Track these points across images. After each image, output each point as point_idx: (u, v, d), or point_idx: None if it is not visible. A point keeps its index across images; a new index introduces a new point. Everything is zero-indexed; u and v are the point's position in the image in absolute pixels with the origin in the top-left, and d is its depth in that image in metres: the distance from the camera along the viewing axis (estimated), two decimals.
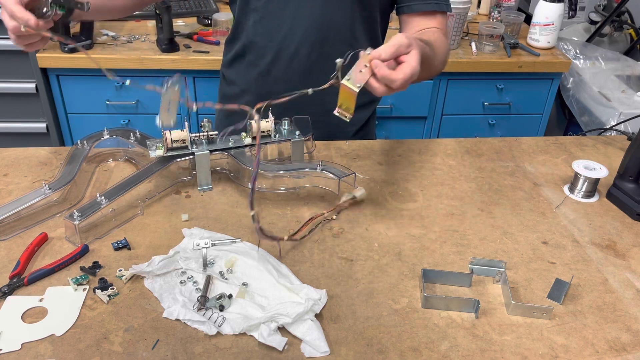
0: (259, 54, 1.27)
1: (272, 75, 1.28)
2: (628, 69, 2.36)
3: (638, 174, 1.13)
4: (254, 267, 0.91)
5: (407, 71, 0.87)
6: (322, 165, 1.07)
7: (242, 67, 1.33)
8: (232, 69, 1.36)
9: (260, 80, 1.30)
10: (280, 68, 1.26)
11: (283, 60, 1.25)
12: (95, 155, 1.20)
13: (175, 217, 1.04)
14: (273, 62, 1.26)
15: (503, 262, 0.94)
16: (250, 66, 1.30)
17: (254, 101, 1.28)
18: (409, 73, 0.87)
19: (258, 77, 1.30)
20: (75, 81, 2.06)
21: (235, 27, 1.30)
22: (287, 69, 1.26)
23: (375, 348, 0.80)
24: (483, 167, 1.25)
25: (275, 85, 1.28)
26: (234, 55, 1.33)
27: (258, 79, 1.30)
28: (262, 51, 1.26)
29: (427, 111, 2.27)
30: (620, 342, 0.83)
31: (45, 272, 0.89)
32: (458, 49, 2.22)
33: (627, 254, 1.01)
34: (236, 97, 1.36)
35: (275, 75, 1.28)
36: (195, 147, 1.10)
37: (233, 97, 1.37)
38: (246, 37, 1.27)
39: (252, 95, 1.33)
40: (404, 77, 0.87)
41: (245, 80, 1.34)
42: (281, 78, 1.27)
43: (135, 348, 0.78)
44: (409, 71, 0.87)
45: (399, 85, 0.88)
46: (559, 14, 2.22)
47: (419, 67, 0.88)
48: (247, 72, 1.32)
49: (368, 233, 1.03)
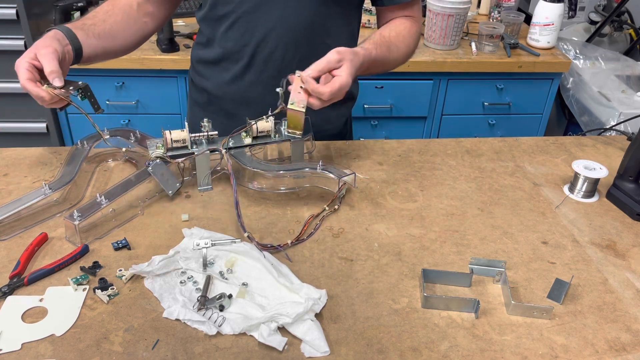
0: (232, 60, 1.24)
1: (246, 80, 1.25)
2: (628, 69, 2.36)
3: (638, 174, 1.13)
4: (254, 267, 0.91)
5: (336, 84, 0.98)
6: (322, 165, 1.07)
7: (214, 73, 1.29)
8: (202, 75, 1.32)
9: (234, 86, 1.27)
10: (255, 72, 1.23)
11: (258, 64, 1.22)
12: (95, 155, 1.20)
13: (175, 217, 1.04)
14: (247, 66, 1.23)
15: (503, 262, 0.94)
16: (224, 72, 1.26)
17: (228, 107, 1.29)
18: (337, 86, 0.98)
19: (231, 83, 1.27)
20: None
21: (205, 34, 1.26)
22: (262, 72, 1.23)
23: (375, 348, 0.80)
24: (483, 167, 1.25)
25: (249, 90, 1.25)
26: (205, 61, 1.29)
27: (231, 84, 1.27)
28: (236, 56, 1.23)
29: (427, 111, 2.27)
30: (620, 342, 0.83)
31: (45, 272, 0.89)
32: (458, 49, 2.22)
33: (627, 254, 1.01)
34: (209, 103, 1.33)
35: (250, 79, 1.25)
36: (195, 147, 1.10)
37: (205, 104, 1.34)
38: (218, 44, 1.24)
39: (226, 101, 1.30)
40: (331, 90, 0.98)
41: (218, 86, 1.30)
42: (256, 82, 1.24)
43: (135, 348, 0.78)
44: (337, 84, 0.98)
45: (328, 97, 0.98)
46: (559, 14, 2.22)
47: (349, 79, 1.00)
48: (220, 78, 1.28)
49: (368, 233, 1.03)
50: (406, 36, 1.22)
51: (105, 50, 1.17)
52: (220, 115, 1.29)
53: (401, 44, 1.21)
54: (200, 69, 1.32)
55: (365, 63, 1.08)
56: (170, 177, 1.06)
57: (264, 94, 1.21)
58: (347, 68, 1.00)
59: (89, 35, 1.11)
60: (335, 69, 1.00)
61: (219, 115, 1.29)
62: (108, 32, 1.16)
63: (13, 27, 2.03)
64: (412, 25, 1.25)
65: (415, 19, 1.27)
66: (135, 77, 2.11)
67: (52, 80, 0.98)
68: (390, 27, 1.23)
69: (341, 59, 1.00)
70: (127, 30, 1.21)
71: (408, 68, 2.11)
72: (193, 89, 1.38)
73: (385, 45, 1.16)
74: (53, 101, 1.00)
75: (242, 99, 1.26)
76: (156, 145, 1.10)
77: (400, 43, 1.21)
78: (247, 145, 1.12)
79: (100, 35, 1.14)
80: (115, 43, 1.19)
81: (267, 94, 1.18)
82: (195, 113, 1.37)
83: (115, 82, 2.11)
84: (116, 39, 1.19)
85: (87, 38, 1.10)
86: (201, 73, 1.32)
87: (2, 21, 2.02)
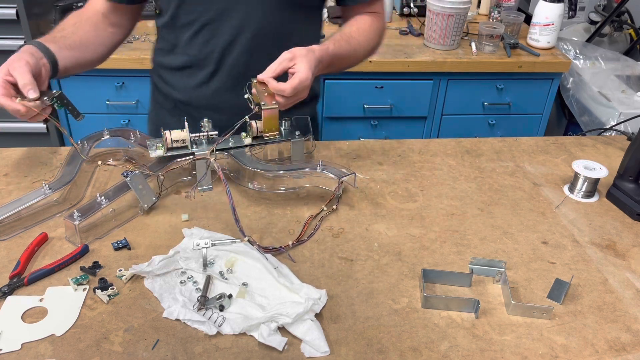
0: (198, 67, 1.22)
1: (212, 86, 1.24)
2: (628, 69, 2.36)
3: (638, 174, 1.13)
4: (254, 267, 0.91)
5: (295, 79, 1.00)
6: (322, 165, 1.07)
7: (179, 79, 1.27)
8: (167, 82, 1.30)
9: (200, 92, 1.25)
10: (221, 78, 1.23)
11: (224, 70, 1.21)
12: (95, 155, 1.20)
13: (175, 217, 1.04)
14: (214, 73, 1.22)
15: (503, 262, 0.94)
16: (189, 78, 1.25)
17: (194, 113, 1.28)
18: (297, 80, 1.00)
19: (197, 88, 1.25)
20: (76, 81, 2.06)
21: (167, 41, 1.25)
22: (229, 78, 1.22)
23: (375, 348, 0.80)
24: (483, 167, 1.25)
25: (216, 96, 1.25)
26: (170, 68, 1.27)
27: (197, 90, 1.25)
28: (202, 63, 1.22)
29: (427, 111, 2.27)
30: (620, 342, 0.83)
31: (45, 272, 0.89)
32: (458, 49, 2.22)
33: (627, 254, 1.01)
34: (174, 108, 1.31)
35: (216, 86, 1.24)
36: (195, 147, 1.10)
37: (171, 108, 1.32)
38: (182, 51, 1.22)
39: (192, 107, 1.28)
40: (292, 85, 1.00)
41: (183, 92, 1.28)
42: (222, 88, 1.24)
43: (135, 348, 0.78)
44: (297, 79, 1.00)
45: (290, 92, 1.00)
46: (559, 14, 2.22)
47: (308, 72, 1.01)
48: (185, 83, 1.26)
49: (368, 233, 1.03)
50: (367, 30, 1.24)
51: (78, 61, 1.17)
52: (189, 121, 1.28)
53: (362, 38, 1.22)
54: (165, 75, 1.30)
55: (325, 59, 1.10)
56: (147, 190, 1.04)
57: (231, 99, 1.23)
58: (303, 63, 1.02)
59: (61, 48, 1.11)
60: (291, 67, 1.02)
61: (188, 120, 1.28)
62: (79, 43, 1.16)
63: (13, 27, 2.03)
64: (374, 20, 1.27)
65: (379, 15, 1.29)
66: (135, 77, 2.10)
67: (27, 93, 0.98)
68: (350, 23, 1.25)
69: (293, 57, 1.03)
70: (97, 40, 1.21)
71: (408, 68, 2.11)
72: (157, 92, 1.36)
73: (345, 40, 1.18)
74: (31, 114, 0.99)
75: (208, 105, 1.26)
76: (156, 145, 1.10)
77: (360, 37, 1.22)
78: (247, 145, 1.12)
79: (72, 47, 1.14)
80: (86, 53, 1.19)
81: (234, 99, 1.20)
82: (161, 116, 1.35)
83: (115, 82, 2.11)
84: (87, 50, 1.19)
85: (60, 50, 1.10)
86: (166, 79, 1.30)
87: (2, 21, 2.02)
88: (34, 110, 0.99)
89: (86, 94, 2.13)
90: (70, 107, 1.05)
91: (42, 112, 1.00)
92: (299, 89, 1.01)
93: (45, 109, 1.01)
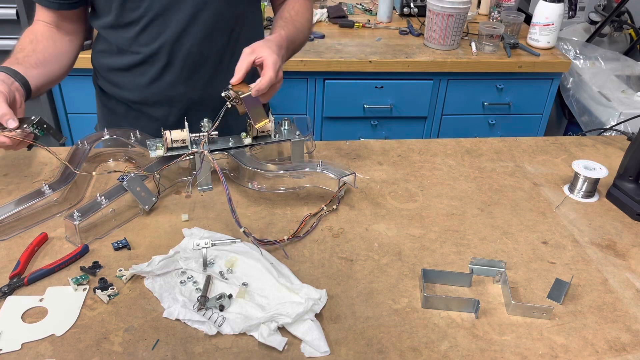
0: (148, 63, 1.21)
1: (165, 80, 1.23)
2: (628, 69, 2.36)
3: (638, 174, 1.13)
4: (254, 267, 0.91)
5: (268, 70, 1.01)
6: (322, 165, 1.07)
7: (129, 79, 1.25)
8: (116, 84, 1.27)
9: (154, 88, 1.24)
10: (174, 71, 1.21)
11: (177, 62, 1.20)
12: (95, 155, 1.20)
13: (175, 217, 1.04)
14: (166, 66, 1.21)
15: (503, 262, 0.94)
16: (139, 77, 1.23)
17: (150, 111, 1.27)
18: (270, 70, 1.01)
19: (150, 85, 1.24)
20: (75, 81, 2.06)
21: (111, 42, 1.22)
22: (182, 70, 1.21)
23: (375, 348, 0.80)
24: (483, 167, 1.25)
25: (171, 89, 1.24)
26: (117, 69, 1.25)
27: (150, 86, 1.24)
28: (152, 59, 1.20)
29: (427, 111, 2.27)
30: (620, 342, 0.83)
31: (45, 272, 0.89)
32: (458, 49, 2.22)
33: (627, 254, 1.01)
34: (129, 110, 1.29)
35: (170, 79, 1.22)
36: (195, 147, 1.10)
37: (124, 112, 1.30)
38: (130, 50, 1.21)
39: (148, 105, 1.27)
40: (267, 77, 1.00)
41: (135, 91, 1.26)
42: (176, 80, 1.23)
43: (135, 348, 0.78)
44: (270, 69, 1.01)
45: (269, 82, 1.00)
46: (559, 14, 2.22)
47: (274, 56, 1.02)
48: (136, 82, 1.24)
49: (368, 233, 1.03)
50: (304, 12, 1.28)
51: (47, 77, 1.16)
52: (144, 120, 1.28)
53: (302, 19, 1.26)
54: (112, 77, 1.27)
55: (283, 44, 1.12)
56: (146, 191, 1.04)
57: (186, 91, 1.24)
58: (264, 50, 1.03)
59: (27, 67, 1.10)
60: (256, 59, 1.02)
61: (143, 120, 1.28)
62: (42, 60, 1.15)
63: (13, 27, 2.03)
64: (305, 1, 1.31)
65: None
66: None
67: (6, 123, 0.96)
68: (286, 8, 1.27)
69: (252, 50, 1.03)
70: (58, 52, 1.20)
71: (408, 68, 2.11)
72: (105, 98, 1.34)
73: (291, 24, 1.22)
74: (15, 144, 0.99)
75: (165, 100, 1.25)
76: (156, 145, 1.10)
77: (301, 19, 1.26)
78: (247, 145, 1.12)
79: (37, 65, 1.13)
80: (52, 68, 1.18)
81: (190, 90, 1.23)
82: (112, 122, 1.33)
83: None
84: (52, 64, 1.18)
85: (27, 70, 1.09)
86: (114, 82, 1.28)
87: (2, 21, 2.02)
88: (18, 139, 0.98)
89: (86, 94, 2.12)
90: (52, 131, 1.05)
91: (24, 139, 1.00)
92: (277, 71, 1.02)
93: (27, 136, 1.00)
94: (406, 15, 2.51)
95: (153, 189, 1.07)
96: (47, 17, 1.20)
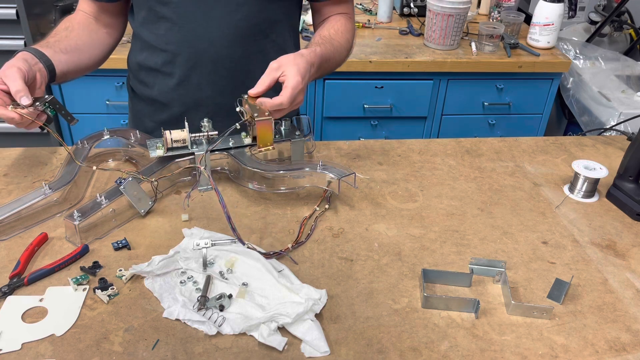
0: (176, 63, 1.20)
1: (193, 82, 1.22)
2: (628, 69, 2.36)
3: (638, 174, 1.13)
4: (254, 267, 0.91)
5: (288, 91, 0.99)
6: (322, 165, 1.07)
7: (158, 79, 1.25)
8: (145, 83, 1.28)
9: (181, 90, 1.23)
10: (202, 73, 1.20)
11: (205, 64, 1.19)
12: (95, 155, 1.20)
13: (175, 217, 1.04)
14: (194, 68, 1.20)
15: (503, 262, 0.94)
16: (168, 78, 1.23)
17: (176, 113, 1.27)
18: (290, 91, 0.99)
19: (178, 87, 1.23)
20: (75, 81, 2.04)
21: (144, 40, 1.22)
22: (211, 73, 1.20)
23: (375, 348, 0.80)
24: (483, 167, 1.25)
25: (198, 92, 1.23)
26: (148, 68, 1.25)
27: (178, 88, 1.23)
28: (181, 59, 1.19)
29: (427, 111, 2.27)
30: (620, 342, 0.83)
31: (45, 272, 0.89)
32: (458, 49, 2.22)
33: (627, 254, 1.01)
34: (155, 113, 1.29)
35: (198, 81, 1.21)
36: (195, 147, 1.10)
37: (150, 114, 1.30)
38: (160, 48, 1.20)
39: (175, 107, 1.26)
40: (287, 96, 0.98)
41: (163, 93, 1.26)
42: (204, 83, 1.22)
43: (135, 348, 0.78)
44: (289, 90, 0.99)
45: (287, 104, 0.99)
46: (559, 14, 2.22)
47: (298, 78, 1.00)
48: (164, 84, 1.24)
49: (368, 233, 1.03)
50: (344, 32, 1.25)
51: (76, 65, 1.16)
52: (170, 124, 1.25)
53: (342, 39, 1.23)
54: (143, 76, 1.27)
55: (315, 61, 1.09)
56: (142, 195, 1.03)
57: (214, 95, 1.23)
58: (291, 69, 1.01)
59: (56, 52, 1.10)
60: (279, 76, 1.01)
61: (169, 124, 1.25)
62: (74, 47, 1.15)
63: (13, 27, 2.03)
64: (347, 21, 1.28)
65: (349, 16, 1.30)
66: None
67: (20, 100, 0.97)
68: (326, 26, 1.25)
69: (279, 65, 1.02)
70: (91, 43, 1.20)
71: (408, 68, 2.12)
72: (135, 99, 1.34)
73: (328, 42, 1.18)
74: (26, 122, 0.99)
75: (191, 102, 1.25)
76: (156, 145, 1.10)
77: (340, 39, 1.23)
78: (247, 145, 1.12)
79: (67, 50, 1.13)
80: (82, 57, 1.18)
81: (217, 95, 1.21)
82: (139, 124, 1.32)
83: (115, 82, 2.11)
84: (83, 53, 1.18)
85: (55, 54, 1.09)
86: (144, 81, 1.28)
87: (2, 21, 2.02)
88: (29, 118, 0.98)
89: (86, 94, 2.13)
90: (63, 112, 1.05)
91: (36, 119, 0.99)
92: (294, 96, 1.00)
93: (39, 116, 1.00)
94: (406, 15, 2.51)
95: (150, 192, 1.06)
96: (87, 8, 1.22)
